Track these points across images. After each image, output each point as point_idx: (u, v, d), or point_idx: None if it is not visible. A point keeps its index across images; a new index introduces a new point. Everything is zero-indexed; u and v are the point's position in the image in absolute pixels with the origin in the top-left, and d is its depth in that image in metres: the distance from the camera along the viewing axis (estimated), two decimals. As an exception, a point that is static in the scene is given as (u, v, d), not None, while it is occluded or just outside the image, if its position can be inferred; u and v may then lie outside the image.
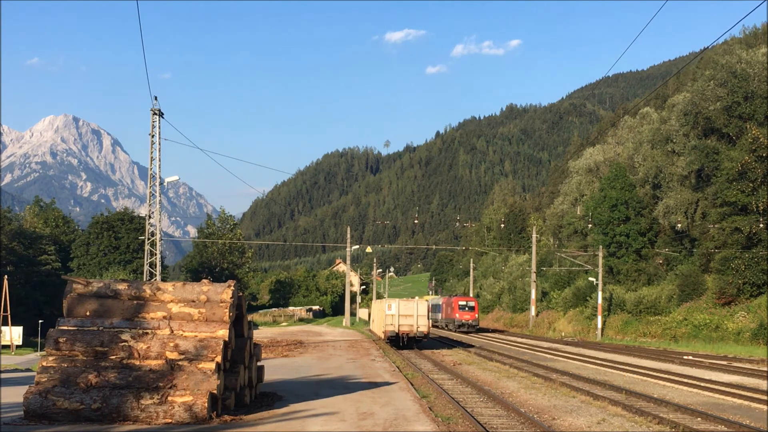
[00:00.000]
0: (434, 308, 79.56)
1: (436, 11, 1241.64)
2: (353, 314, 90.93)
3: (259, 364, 17.88)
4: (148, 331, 14.89)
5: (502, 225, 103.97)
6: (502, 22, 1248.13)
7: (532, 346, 47.47)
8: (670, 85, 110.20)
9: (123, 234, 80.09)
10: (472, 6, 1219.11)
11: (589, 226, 72.20)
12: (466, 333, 66.46)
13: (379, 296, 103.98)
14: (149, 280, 40.60)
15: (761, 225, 51.75)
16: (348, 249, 78.22)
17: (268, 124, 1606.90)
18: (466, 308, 68.30)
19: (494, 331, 77.57)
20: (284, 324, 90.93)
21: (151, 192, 40.50)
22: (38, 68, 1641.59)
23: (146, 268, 41.34)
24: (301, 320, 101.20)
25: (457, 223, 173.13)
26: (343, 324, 77.08)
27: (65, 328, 15.00)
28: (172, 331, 14.92)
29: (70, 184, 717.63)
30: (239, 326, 16.79)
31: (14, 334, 53.40)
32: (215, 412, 14.11)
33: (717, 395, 21.30)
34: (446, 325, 72.75)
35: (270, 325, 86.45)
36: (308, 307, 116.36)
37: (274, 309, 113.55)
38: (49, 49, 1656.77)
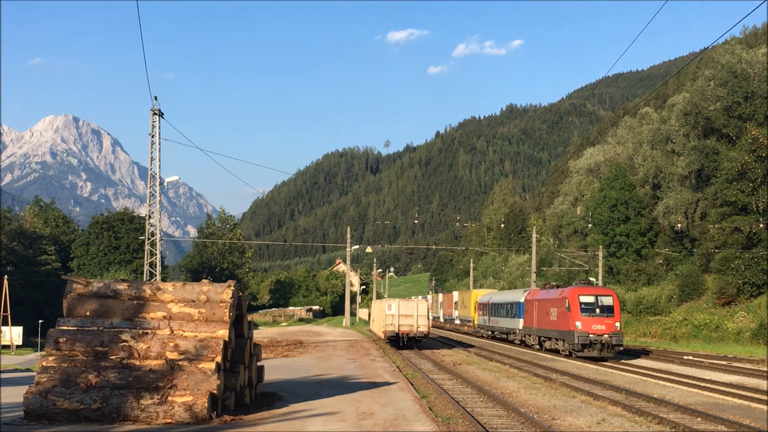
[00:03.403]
0: (495, 309, 51.67)
1: (439, 11, 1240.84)
2: (353, 314, 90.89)
3: (259, 364, 17.88)
4: (148, 331, 14.90)
5: (502, 225, 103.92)
6: (504, 23, 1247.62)
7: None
8: (670, 85, 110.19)
9: (123, 234, 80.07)
10: (475, 6, 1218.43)
11: (589, 226, 72.23)
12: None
13: (379, 296, 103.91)
14: (149, 280, 40.59)
15: (761, 225, 51.80)
16: (348, 249, 78.18)
17: (269, 123, 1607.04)
18: (597, 309, 34.94)
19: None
20: (284, 324, 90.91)
21: (151, 192, 40.48)
22: (40, 68, 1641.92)
23: (146, 268, 41.32)
24: (301, 320, 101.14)
25: (457, 223, 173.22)
26: (343, 324, 77.02)
27: (65, 328, 15.01)
28: (172, 331, 14.92)
29: (70, 184, 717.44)
30: (239, 326, 16.79)
31: (14, 334, 53.46)
32: (215, 412, 14.11)
33: (717, 395, 21.30)
34: (540, 341, 40.44)
35: (270, 325, 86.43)
36: (308, 307, 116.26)
37: (274, 309, 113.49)
38: (51, 49, 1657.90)
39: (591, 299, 35.63)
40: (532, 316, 41.71)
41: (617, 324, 35.12)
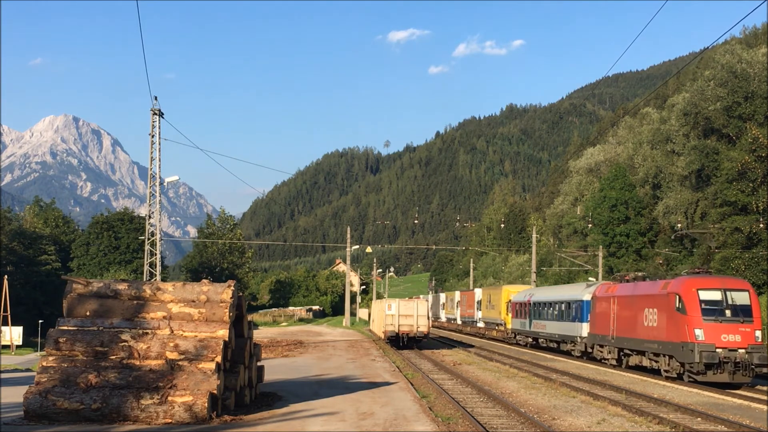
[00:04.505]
0: (539, 310, 41.21)
1: (440, 11, 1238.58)
2: (353, 314, 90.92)
3: (259, 364, 17.89)
4: (148, 331, 14.90)
5: (502, 225, 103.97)
6: (505, 23, 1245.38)
7: (531, 346, 47.06)
8: (670, 85, 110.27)
9: (123, 234, 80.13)
10: (476, 6, 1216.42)
11: (589, 226, 72.26)
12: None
13: (379, 296, 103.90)
14: (149, 280, 40.59)
15: (761, 225, 51.79)
16: (348, 249, 78.20)
17: (269, 123, 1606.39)
18: (727, 311, 24.21)
19: None
20: (284, 324, 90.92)
21: (151, 192, 40.49)
22: (41, 69, 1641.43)
23: (146, 268, 41.32)
24: (301, 320, 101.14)
25: (457, 223, 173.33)
26: (343, 324, 77.02)
27: (65, 328, 15.01)
28: (172, 331, 14.93)
29: (70, 184, 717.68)
30: (239, 326, 16.79)
31: (14, 334, 53.53)
32: (215, 412, 14.11)
33: (717, 395, 21.30)
34: (621, 355, 29.74)
35: (270, 325, 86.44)
36: (308, 307, 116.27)
37: (274, 309, 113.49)
38: (52, 49, 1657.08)
39: (717, 295, 24.43)
40: (608, 320, 30.42)
41: (758, 333, 23.96)
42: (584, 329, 34.10)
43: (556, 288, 45.94)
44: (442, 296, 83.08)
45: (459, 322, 69.12)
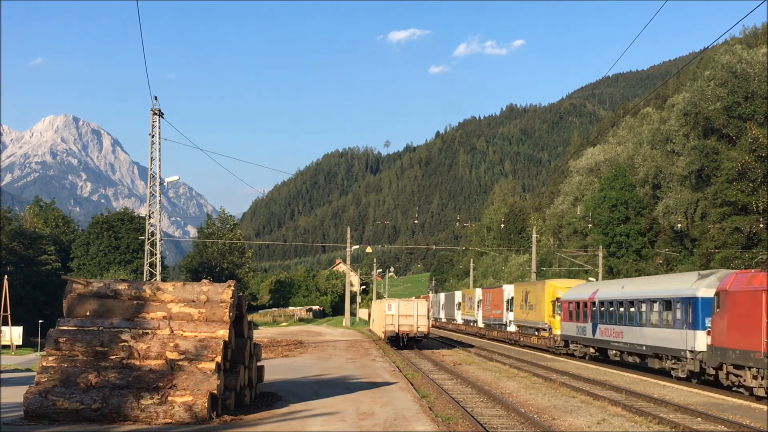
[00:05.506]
0: (611, 311, 30.86)
1: (441, 11, 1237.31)
2: (353, 314, 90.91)
3: (259, 364, 17.89)
4: (148, 331, 14.90)
5: (502, 225, 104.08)
6: (505, 23, 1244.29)
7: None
8: (670, 85, 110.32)
9: (123, 234, 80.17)
10: (476, 6, 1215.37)
11: (589, 226, 72.28)
12: None
13: (379, 296, 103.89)
14: (149, 280, 40.58)
15: (761, 225, 51.82)
16: (348, 249, 78.19)
17: (269, 124, 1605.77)
18: None
19: None
20: (284, 324, 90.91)
21: (151, 192, 40.48)
22: (41, 69, 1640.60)
23: (146, 268, 41.31)
24: (301, 320, 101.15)
25: (457, 223, 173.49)
26: (343, 324, 77.02)
27: (65, 328, 15.01)
28: (172, 331, 14.92)
29: (70, 184, 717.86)
30: (239, 326, 16.79)
31: (14, 334, 53.55)
32: (215, 412, 14.11)
33: (717, 395, 21.31)
34: None
35: (270, 325, 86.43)
36: (308, 307, 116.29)
37: (274, 309, 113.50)
38: (52, 49, 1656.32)
39: None
40: (754, 328, 19.68)
41: None
42: (699, 340, 23.75)
43: (641, 280, 34.83)
44: (458, 294, 72.24)
45: (481, 324, 58.67)
